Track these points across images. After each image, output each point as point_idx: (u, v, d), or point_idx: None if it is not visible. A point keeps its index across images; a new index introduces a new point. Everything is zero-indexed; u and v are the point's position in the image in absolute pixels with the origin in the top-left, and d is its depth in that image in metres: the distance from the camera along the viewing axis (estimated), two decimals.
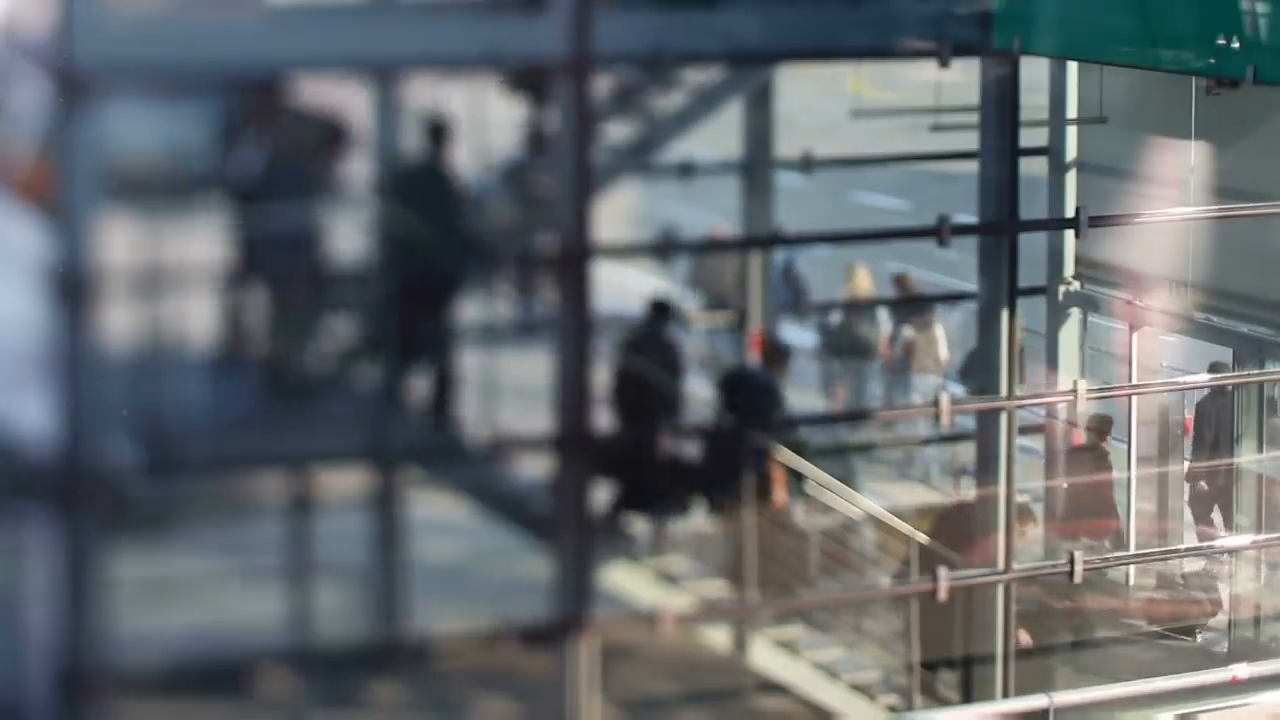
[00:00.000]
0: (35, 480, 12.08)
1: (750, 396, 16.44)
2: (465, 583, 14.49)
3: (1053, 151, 19.04)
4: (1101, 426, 18.24)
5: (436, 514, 14.32)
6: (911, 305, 22.55)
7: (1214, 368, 18.31)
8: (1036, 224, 17.58)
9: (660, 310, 16.35)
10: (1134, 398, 18.37)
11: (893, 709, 15.66)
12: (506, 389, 14.38)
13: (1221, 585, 18.18)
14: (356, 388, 14.06)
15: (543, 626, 13.07)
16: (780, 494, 16.04)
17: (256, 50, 12.46)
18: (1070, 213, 17.94)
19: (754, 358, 17.52)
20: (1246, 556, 17.83)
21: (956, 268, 18.16)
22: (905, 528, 15.96)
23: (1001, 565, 14.40)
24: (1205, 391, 18.34)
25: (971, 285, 14.87)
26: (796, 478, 16.02)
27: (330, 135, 13.82)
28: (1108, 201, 17.74)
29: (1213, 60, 12.73)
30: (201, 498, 13.24)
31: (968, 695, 14.68)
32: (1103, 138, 18.85)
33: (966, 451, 17.08)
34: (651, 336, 16.18)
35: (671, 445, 15.65)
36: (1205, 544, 17.83)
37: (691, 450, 15.71)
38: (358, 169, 14.11)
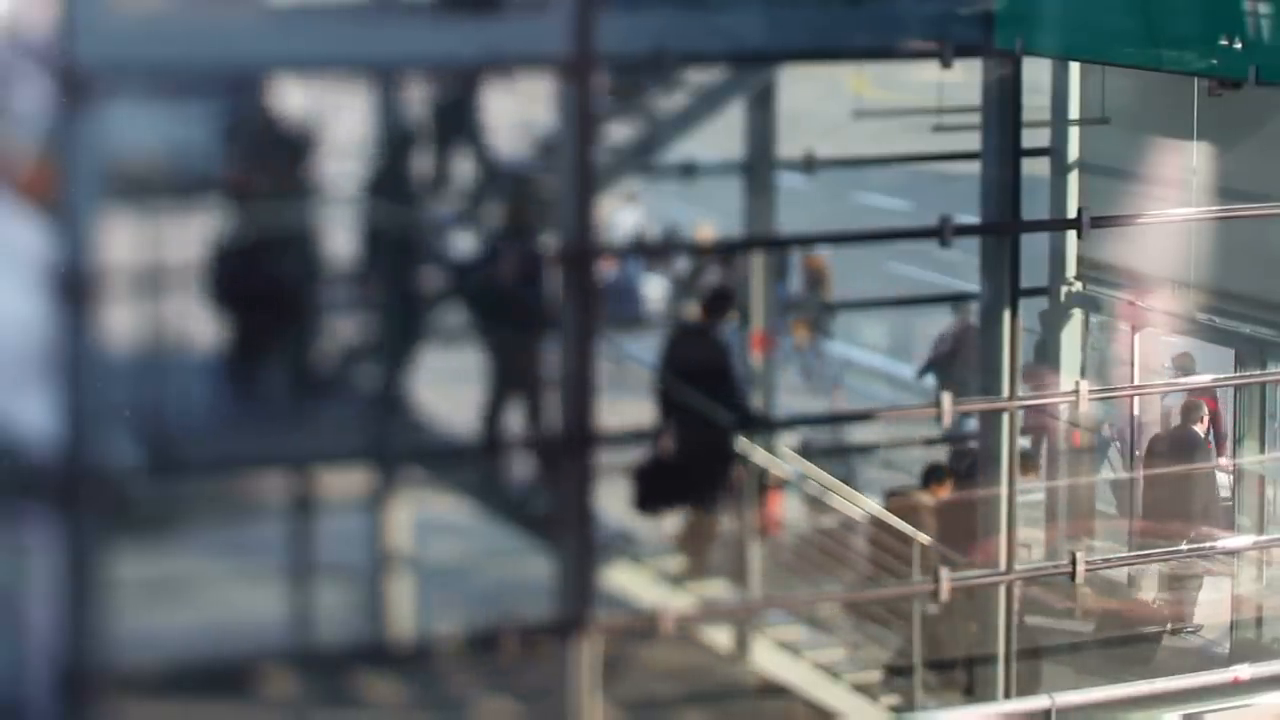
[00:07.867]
0: (37, 480, 12.07)
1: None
2: (465, 583, 14.49)
3: (1055, 152, 19.03)
4: None
5: (436, 514, 14.33)
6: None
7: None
8: (1038, 224, 17.56)
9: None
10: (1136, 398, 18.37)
11: (894, 709, 15.65)
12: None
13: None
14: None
15: (544, 627, 13.06)
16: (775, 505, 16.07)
17: (258, 50, 12.46)
18: (1072, 213, 17.92)
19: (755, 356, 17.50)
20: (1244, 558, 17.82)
21: (958, 268, 18.14)
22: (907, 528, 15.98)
23: (1003, 565, 14.41)
24: None
25: (974, 286, 14.89)
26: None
27: None
28: (1110, 202, 17.72)
29: (1215, 61, 12.74)
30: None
31: None
32: (1105, 138, 18.84)
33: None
34: None
35: None
36: (1206, 544, 17.77)
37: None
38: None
